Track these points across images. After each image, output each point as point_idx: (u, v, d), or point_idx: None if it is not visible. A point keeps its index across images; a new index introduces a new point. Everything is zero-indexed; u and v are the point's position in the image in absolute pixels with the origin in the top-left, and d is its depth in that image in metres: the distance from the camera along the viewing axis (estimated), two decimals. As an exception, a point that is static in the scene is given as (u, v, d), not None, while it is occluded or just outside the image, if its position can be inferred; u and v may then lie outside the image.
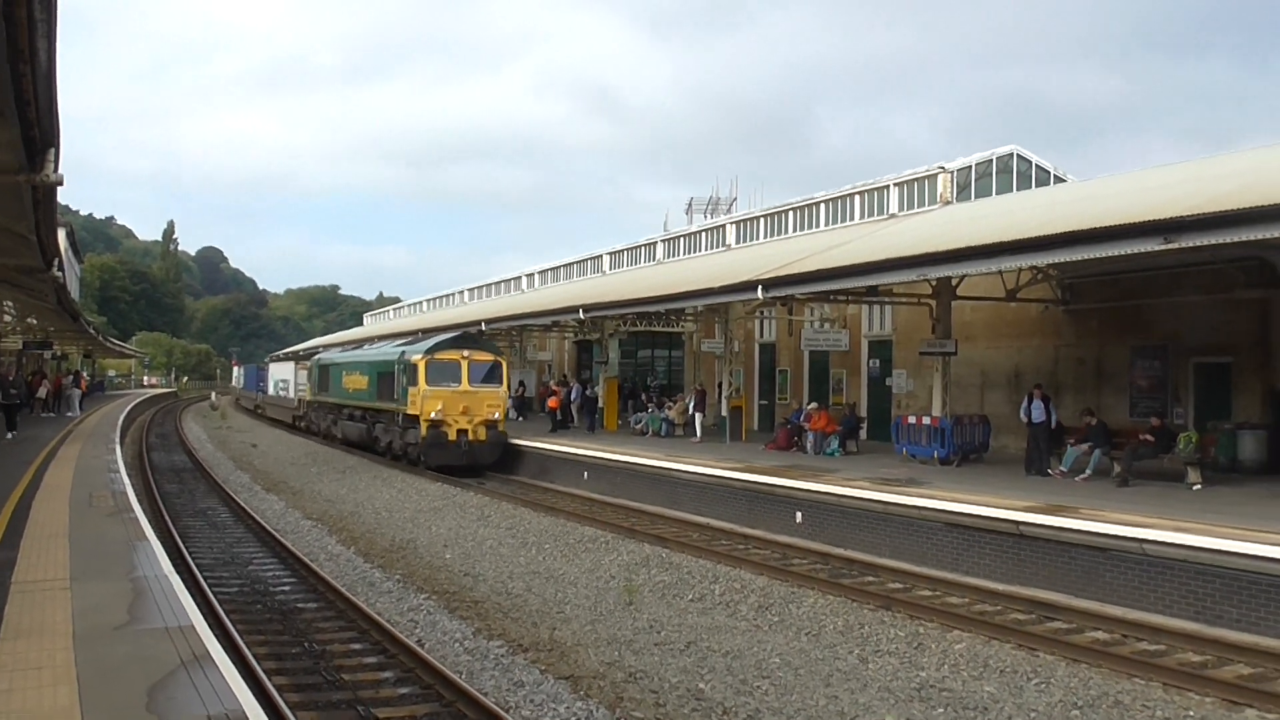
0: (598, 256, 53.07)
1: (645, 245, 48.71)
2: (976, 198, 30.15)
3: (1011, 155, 31.79)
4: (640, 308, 29.91)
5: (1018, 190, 30.65)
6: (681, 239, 45.80)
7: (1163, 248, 14.38)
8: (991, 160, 31.43)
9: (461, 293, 73.67)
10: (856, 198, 33.91)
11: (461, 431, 29.17)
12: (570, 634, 12.25)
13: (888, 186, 32.52)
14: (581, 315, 31.49)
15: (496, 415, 29.96)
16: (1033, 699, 9.94)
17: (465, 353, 30.11)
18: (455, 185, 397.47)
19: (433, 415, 29.00)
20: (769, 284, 22.62)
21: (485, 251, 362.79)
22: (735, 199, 49.40)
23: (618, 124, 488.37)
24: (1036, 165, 31.88)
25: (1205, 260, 18.59)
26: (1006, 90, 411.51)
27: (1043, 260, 18.51)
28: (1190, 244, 14.21)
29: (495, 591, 14.67)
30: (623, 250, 50.81)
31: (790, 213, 37.49)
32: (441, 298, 78.61)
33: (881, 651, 11.66)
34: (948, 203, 30.13)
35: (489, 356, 30.80)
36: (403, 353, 31.83)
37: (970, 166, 31.16)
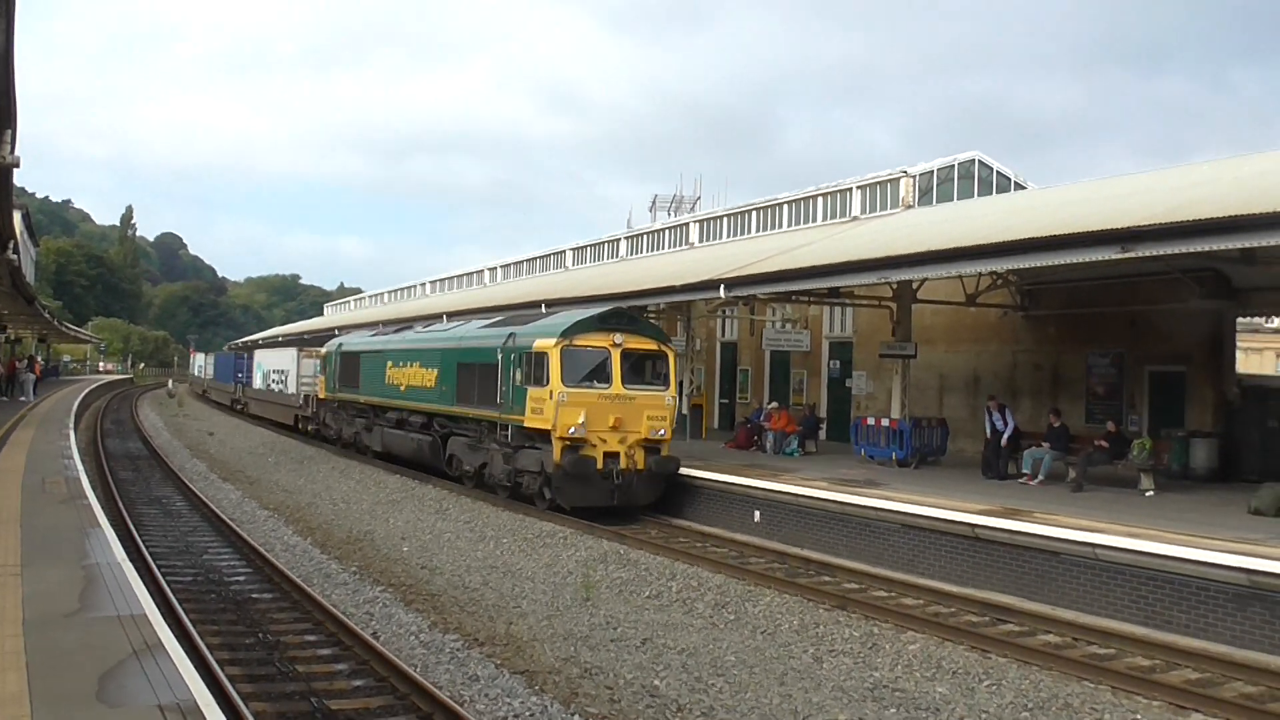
0: (561, 252, 52.98)
1: (609, 242, 48.68)
2: (938, 202, 30.37)
3: (973, 161, 32.06)
4: (602, 304, 29.87)
5: (979, 196, 30.94)
6: (645, 236, 45.81)
7: (1120, 256, 14.58)
8: (954, 165, 31.67)
9: (424, 285, 73.37)
10: (819, 199, 34.08)
11: (611, 456, 20.15)
12: (526, 629, 12.24)
13: (851, 189, 32.70)
14: (544, 310, 31.40)
15: (662, 432, 20.67)
16: (984, 700, 10.05)
17: (617, 338, 20.71)
18: (418, 177, 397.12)
19: (571, 431, 19.89)
20: (731, 283, 22.70)
21: (447, 244, 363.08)
22: (699, 198, 49.67)
23: (581, 121, 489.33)
24: (998, 172, 32.19)
25: (1161, 270, 18.84)
26: (970, 98, 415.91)
27: (1002, 266, 18.72)
28: (1146, 253, 14.42)
29: (452, 585, 14.62)
30: (586, 246, 50.75)
31: (753, 213, 37.62)
32: (403, 289, 78.26)
33: (836, 651, 11.73)
34: (910, 207, 30.34)
35: (650, 344, 21.35)
36: (512, 335, 22.24)
37: (933, 171, 31.39)
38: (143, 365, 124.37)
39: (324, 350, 37.56)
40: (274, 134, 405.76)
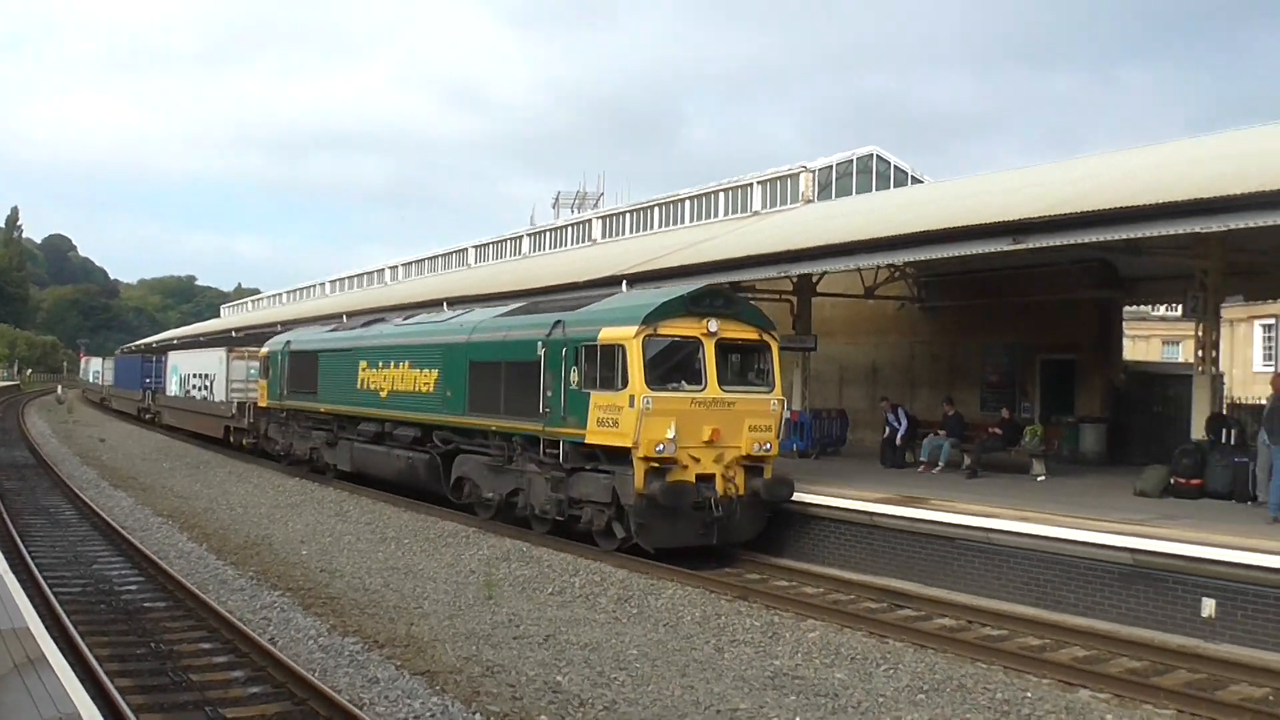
0: (463, 250, 52.59)
1: (511, 239, 48.46)
2: (838, 196, 30.81)
3: (871, 156, 32.61)
4: (505, 301, 29.72)
5: (877, 190, 31.46)
6: (548, 233, 45.72)
7: (1011, 248, 14.96)
8: (852, 160, 32.17)
9: (323, 284, 72.25)
10: (721, 195, 34.32)
11: (705, 480, 15.67)
12: (428, 629, 12.12)
13: (751, 185, 32.98)
14: (445, 309, 31.13)
15: (768, 446, 16.35)
16: (881, 684, 10.21)
17: (711, 324, 15.90)
18: (316, 175, 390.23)
19: (659, 449, 15.24)
20: (633, 278, 22.74)
21: (347, 243, 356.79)
22: (602, 194, 49.80)
23: (484, 118, 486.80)
24: (895, 166, 32.79)
25: (1052, 261, 19.35)
26: (868, 94, 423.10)
27: (898, 259, 19.06)
28: (1037, 245, 14.82)
29: (352, 588, 14.41)
30: (488, 244, 50.45)
31: (656, 209, 37.75)
32: (302, 289, 76.91)
33: (737, 641, 11.82)
34: (810, 201, 30.70)
35: (751, 331, 16.76)
36: (559, 323, 17.21)
37: (832, 166, 31.83)
38: (30, 372, 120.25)
39: (265, 350, 31.76)
40: (168, 132, 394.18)
